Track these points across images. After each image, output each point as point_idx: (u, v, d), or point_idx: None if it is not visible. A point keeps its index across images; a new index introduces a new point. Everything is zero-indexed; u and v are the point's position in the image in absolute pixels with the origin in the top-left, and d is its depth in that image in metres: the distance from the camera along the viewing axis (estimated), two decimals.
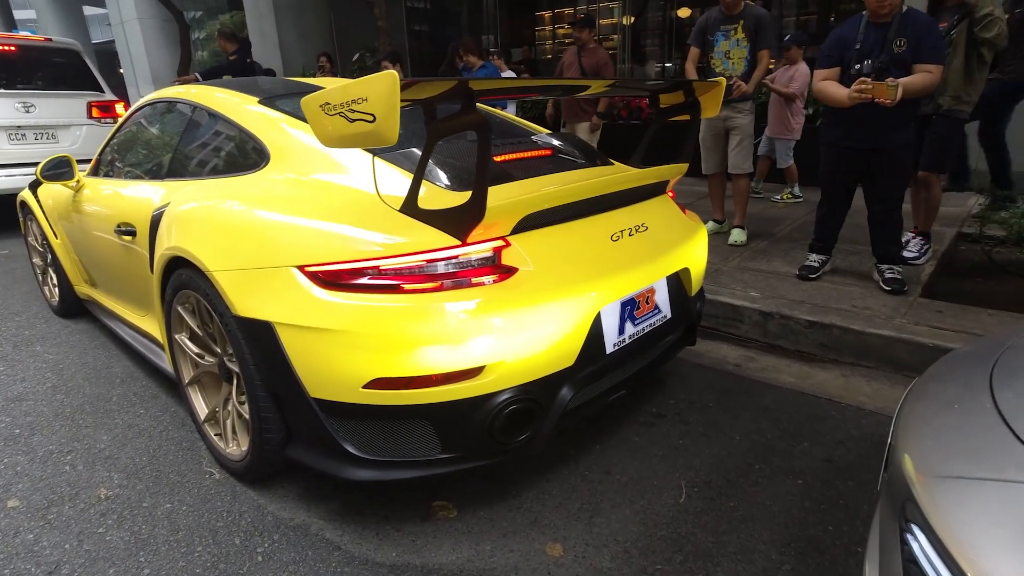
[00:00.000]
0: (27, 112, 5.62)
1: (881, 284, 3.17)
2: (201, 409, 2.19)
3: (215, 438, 2.12)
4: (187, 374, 2.22)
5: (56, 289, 3.58)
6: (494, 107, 4.68)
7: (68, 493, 1.99)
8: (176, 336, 2.19)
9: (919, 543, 0.98)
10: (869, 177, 3.10)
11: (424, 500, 1.90)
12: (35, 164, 3.17)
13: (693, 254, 2.19)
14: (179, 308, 2.10)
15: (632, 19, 10.44)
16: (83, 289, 3.32)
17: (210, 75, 6.41)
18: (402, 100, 1.29)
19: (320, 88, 1.54)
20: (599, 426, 2.28)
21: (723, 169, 4.23)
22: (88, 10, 18.49)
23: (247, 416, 1.84)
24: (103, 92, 6.28)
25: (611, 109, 7.13)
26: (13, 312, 3.73)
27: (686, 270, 2.16)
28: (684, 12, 10.12)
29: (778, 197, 5.47)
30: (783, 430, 2.24)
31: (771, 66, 4.28)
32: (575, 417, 1.86)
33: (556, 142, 2.31)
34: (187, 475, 2.07)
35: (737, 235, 4.14)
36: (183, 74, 9.51)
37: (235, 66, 6.40)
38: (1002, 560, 0.83)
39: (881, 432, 2.19)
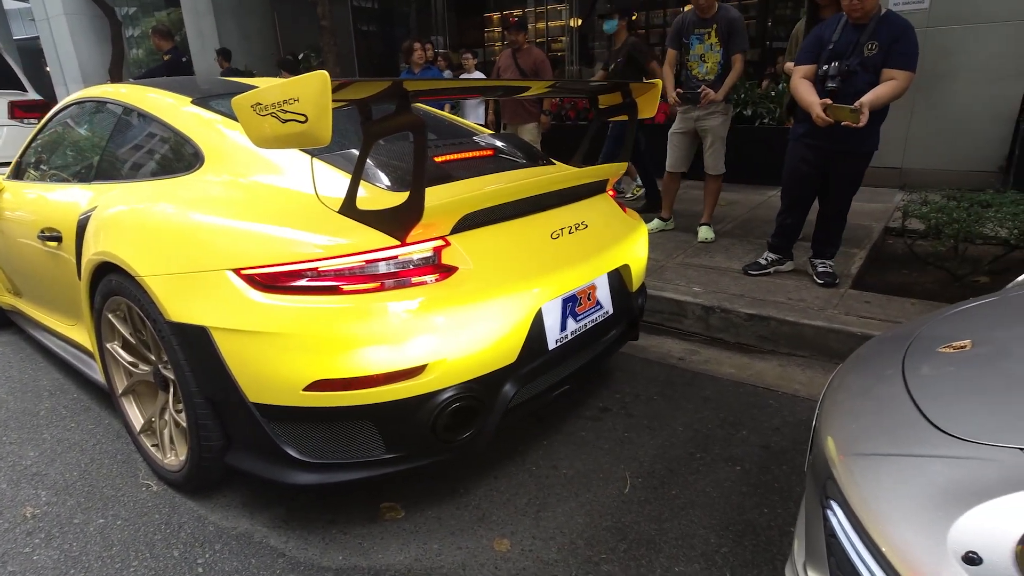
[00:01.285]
0: None
1: (814, 278, 3.32)
2: (136, 419, 2.11)
3: (152, 449, 2.05)
4: (120, 384, 2.14)
5: None
6: (453, 108, 4.68)
7: None
8: (107, 345, 2.10)
9: (837, 518, 1.04)
10: (829, 177, 3.15)
11: (371, 502, 1.88)
12: None
13: (633, 251, 2.24)
14: (109, 316, 2.02)
15: (579, 21, 10.58)
16: (5, 299, 3.14)
17: (146, 78, 6.18)
18: (336, 100, 1.28)
19: (253, 88, 1.52)
20: (546, 422, 2.31)
21: (684, 170, 4.34)
22: (8, 3, 17.43)
23: (184, 424, 1.79)
24: (26, 91, 5.94)
25: (559, 110, 7.22)
26: None
27: (627, 266, 2.20)
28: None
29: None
30: (723, 419, 2.32)
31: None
32: (520, 413, 1.88)
33: (498, 142, 2.33)
34: (122, 488, 1.99)
35: (705, 232, 4.22)
36: (116, 72, 9.10)
37: (170, 67, 6.17)
38: (907, 528, 0.89)
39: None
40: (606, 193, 2.36)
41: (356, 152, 1.69)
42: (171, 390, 1.91)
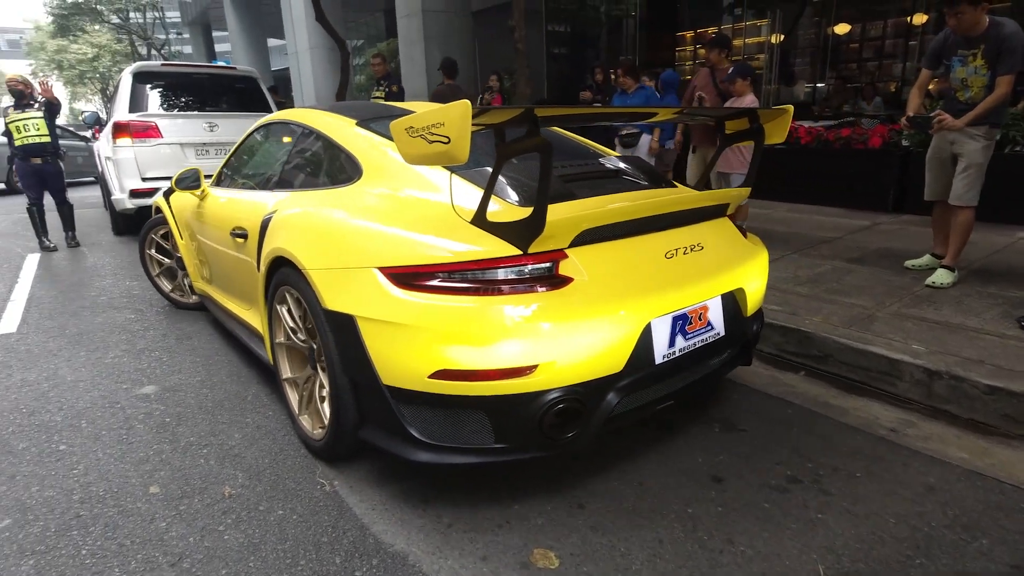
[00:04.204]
0: (211, 131, 6.42)
1: None
2: (294, 401, 2.42)
3: (303, 421, 2.33)
4: (284, 369, 2.46)
5: None
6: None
7: (199, 486, 2.14)
8: (275, 331, 2.43)
9: None
10: None
11: (524, 543, 1.80)
12: None
13: (750, 275, 2.24)
14: (278, 307, 2.34)
15: (782, 37, 9.83)
16: (200, 285, 3.71)
17: None
18: (475, 124, 1.47)
19: (410, 112, 1.77)
20: (724, 485, 2.05)
21: (945, 198, 3.68)
22: (271, 41, 21.06)
23: (328, 400, 2.06)
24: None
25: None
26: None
27: (741, 290, 2.20)
28: (842, 28, 9.36)
29: None
30: (954, 519, 1.87)
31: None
32: (626, 421, 1.98)
33: (621, 164, 2.50)
34: (302, 483, 2.14)
35: (942, 276, 3.57)
36: (341, 96, 10.35)
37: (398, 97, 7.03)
38: None
39: None
40: (726, 217, 2.36)
41: (490, 170, 1.87)
42: (319, 368, 2.20)
